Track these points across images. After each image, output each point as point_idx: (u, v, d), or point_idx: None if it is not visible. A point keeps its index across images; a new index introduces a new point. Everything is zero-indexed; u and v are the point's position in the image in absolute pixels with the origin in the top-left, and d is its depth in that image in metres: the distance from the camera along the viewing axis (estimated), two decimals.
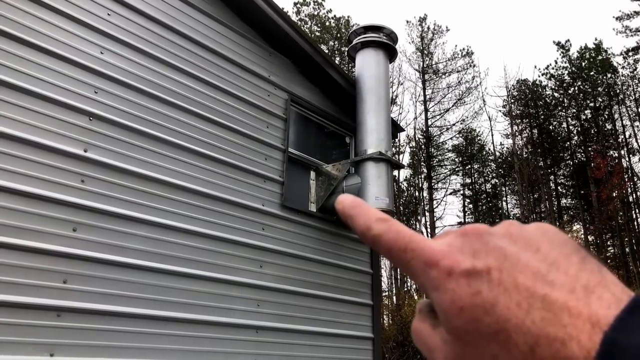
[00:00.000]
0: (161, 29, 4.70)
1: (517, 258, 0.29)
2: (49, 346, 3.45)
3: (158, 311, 4.09)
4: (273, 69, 5.75)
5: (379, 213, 0.35)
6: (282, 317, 5.06)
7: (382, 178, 5.64)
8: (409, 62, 36.48)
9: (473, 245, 0.30)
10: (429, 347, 0.32)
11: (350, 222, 0.36)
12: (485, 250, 0.30)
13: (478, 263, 0.29)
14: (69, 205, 3.74)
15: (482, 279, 0.29)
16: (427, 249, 0.31)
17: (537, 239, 0.30)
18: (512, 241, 0.30)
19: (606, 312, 0.26)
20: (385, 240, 0.33)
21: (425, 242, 0.32)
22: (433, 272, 0.30)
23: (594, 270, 0.29)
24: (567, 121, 33.63)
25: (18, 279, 3.39)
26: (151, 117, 4.42)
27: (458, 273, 0.29)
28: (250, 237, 4.97)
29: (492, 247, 0.30)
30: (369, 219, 0.34)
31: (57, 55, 3.89)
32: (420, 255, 0.31)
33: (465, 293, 0.28)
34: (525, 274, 0.28)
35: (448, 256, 0.30)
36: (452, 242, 0.31)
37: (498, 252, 0.29)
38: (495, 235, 0.31)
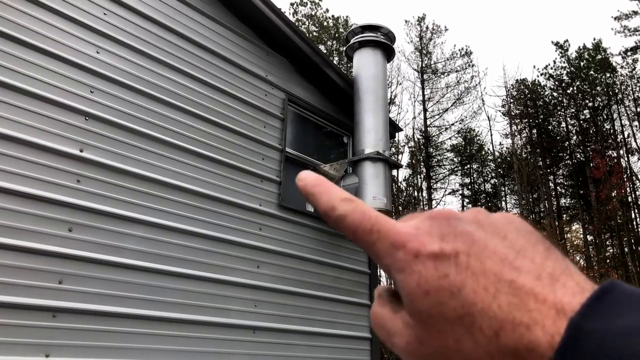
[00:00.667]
0: (158, 28, 4.69)
1: (485, 243, 0.29)
2: (45, 347, 3.43)
3: (154, 311, 4.07)
4: (270, 69, 5.74)
5: (344, 193, 0.34)
6: (279, 317, 5.05)
7: (380, 178, 5.63)
8: (407, 61, 36.48)
9: (441, 228, 0.30)
10: (389, 331, 0.31)
11: (312, 201, 0.34)
12: (453, 234, 0.30)
13: (446, 246, 0.29)
14: (65, 205, 3.72)
15: (450, 262, 0.28)
16: (394, 231, 0.31)
17: (504, 227, 0.31)
18: (479, 227, 0.30)
19: (570, 299, 0.26)
20: (350, 221, 0.32)
21: (392, 223, 0.31)
22: (399, 254, 0.30)
23: (559, 259, 0.29)
24: (566, 121, 33.65)
25: (13, 279, 3.38)
26: (147, 117, 4.41)
27: (425, 255, 0.29)
28: (247, 237, 4.95)
29: (460, 231, 0.30)
30: (333, 198, 0.33)
31: (52, 55, 3.88)
32: (387, 236, 0.30)
33: (431, 276, 0.28)
34: (492, 259, 0.28)
35: (415, 238, 0.30)
36: (420, 225, 0.31)
37: (466, 237, 0.29)
38: (463, 220, 0.31)
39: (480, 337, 0.27)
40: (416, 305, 0.29)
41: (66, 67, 3.95)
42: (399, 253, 0.30)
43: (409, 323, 0.30)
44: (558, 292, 0.27)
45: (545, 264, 0.28)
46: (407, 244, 0.30)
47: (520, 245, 0.29)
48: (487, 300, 0.27)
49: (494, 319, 0.26)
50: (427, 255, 0.29)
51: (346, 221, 0.32)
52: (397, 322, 0.31)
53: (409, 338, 0.30)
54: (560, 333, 0.25)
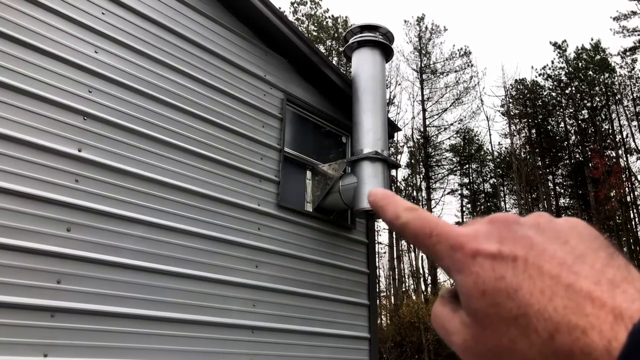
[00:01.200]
0: (156, 28, 4.69)
1: (543, 247, 0.29)
2: (43, 347, 3.43)
3: (153, 311, 4.07)
4: (269, 69, 5.74)
5: (408, 203, 0.36)
6: (278, 317, 5.05)
7: (378, 177, 5.63)
8: (406, 61, 36.48)
9: (500, 232, 0.31)
10: (447, 330, 0.32)
11: (381, 213, 0.37)
12: (512, 238, 0.30)
13: (504, 249, 0.30)
14: (63, 205, 3.72)
15: (507, 265, 0.29)
16: (453, 233, 0.32)
17: (565, 232, 0.31)
18: (539, 231, 0.31)
19: (629, 305, 0.26)
20: (412, 227, 0.34)
21: (452, 227, 0.32)
22: (458, 255, 0.31)
23: (621, 266, 0.29)
24: (565, 121, 33.67)
25: (11, 279, 3.38)
26: (146, 117, 4.41)
27: (483, 256, 0.30)
28: (246, 237, 4.95)
29: (519, 235, 0.30)
30: (398, 208, 0.35)
31: (51, 55, 3.88)
32: (446, 239, 0.32)
33: (488, 277, 0.29)
34: (550, 263, 0.29)
35: (474, 240, 0.31)
36: (479, 228, 0.32)
37: (525, 241, 0.30)
38: (523, 225, 0.31)
39: (535, 338, 0.27)
40: (473, 305, 0.30)
41: (64, 67, 3.95)
42: (458, 254, 0.31)
43: (466, 322, 0.30)
44: (617, 298, 0.27)
45: (605, 270, 0.28)
46: (465, 246, 0.31)
47: (580, 250, 0.29)
48: (543, 302, 0.27)
49: (550, 321, 0.27)
50: (484, 256, 0.30)
51: (409, 227, 0.34)
52: (455, 321, 0.32)
53: (465, 336, 0.30)
54: (618, 339, 0.25)
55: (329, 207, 5.94)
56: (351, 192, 5.67)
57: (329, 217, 5.99)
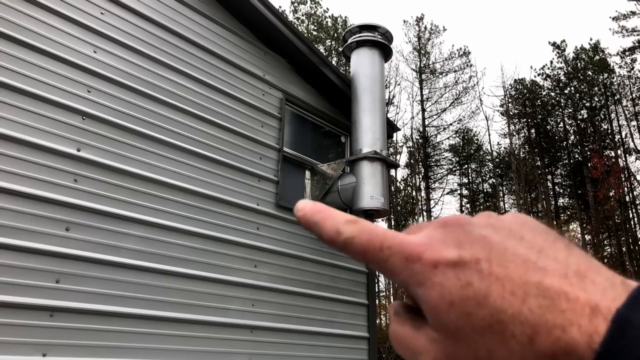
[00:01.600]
0: (155, 27, 4.69)
1: (504, 247, 0.28)
2: (42, 346, 3.43)
3: (152, 311, 4.07)
4: (268, 68, 5.74)
5: (346, 215, 0.32)
6: (277, 316, 5.05)
7: (377, 177, 5.63)
8: (406, 61, 36.53)
9: (456, 235, 0.29)
10: (413, 350, 0.30)
11: (315, 230, 0.32)
12: (469, 240, 0.28)
13: (464, 253, 0.28)
14: (62, 205, 3.72)
15: (472, 270, 0.27)
16: (406, 244, 0.29)
17: (518, 228, 0.29)
18: (494, 230, 0.29)
19: (602, 296, 0.25)
20: (358, 242, 0.30)
21: (402, 236, 0.30)
22: (416, 267, 0.28)
23: (581, 255, 0.28)
24: (564, 121, 33.70)
25: (10, 278, 3.37)
26: (145, 117, 4.41)
27: (444, 264, 0.28)
28: (245, 236, 4.96)
29: (476, 237, 0.29)
30: (337, 223, 0.31)
31: (49, 54, 3.88)
32: (399, 250, 0.29)
33: (454, 286, 0.27)
34: (515, 262, 0.27)
35: (431, 248, 0.28)
36: (432, 234, 0.30)
37: (483, 242, 0.28)
38: (476, 225, 0.30)
39: (514, 345, 0.25)
40: (441, 319, 0.27)
41: (63, 67, 3.95)
42: (416, 266, 0.28)
43: (435, 338, 0.28)
44: (589, 289, 0.26)
45: (569, 261, 0.27)
46: (422, 255, 0.28)
47: (539, 244, 0.28)
48: (516, 305, 0.26)
49: (527, 324, 0.25)
50: (446, 264, 0.28)
51: (354, 243, 0.31)
52: (420, 339, 0.29)
53: (436, 354, 0.28)
54: (598, 332, 0.24)
55: None
56: (350, 192, 5.68)
57: None
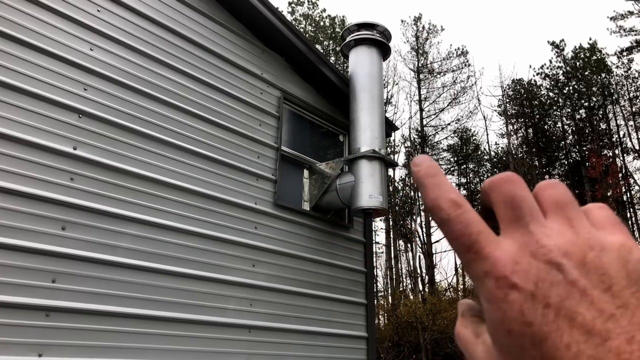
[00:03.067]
0: (152, 25, 4.66)
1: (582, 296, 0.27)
2: (38, 346, 3.40)
3: (149, 311, 4.04)
4: (266, 67, 5.72)
5: (454, 192, 0.32)
6: (275, 316, 5.03)
7: (376, 176, 5.61)
8: (403, 61, 36.51)
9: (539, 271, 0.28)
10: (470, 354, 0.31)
11: (422, 191, 0.34)
12: (550, 282, 0.28)
13: (538, 293, 0.28)
14: (58, 204, 3.69)
15: (537, 312, 0.27)
16: (493, 258, 0.29)
17: (613, 273, 0.28)
18: (583, 273, 0.28)
19: None
20: (452, 229, 0.31)
21: (493, 246, 0.30)
22: (490, 284, 0.29)
23: None
24: (562, 121, 33.74)
25: (6, 278, 3.35)
26: (142, 115, 4.38)
27: (515, 295, 0.28)
28: (242, 235, 4.93)
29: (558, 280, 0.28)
30: (442, 198, 0.32)
31: (45, 52, 3.85)
32: (483, 261, 0.29)
33: (516, 318, 0.28)
34: (584, 316, 0.27)
35: (511, 275, 0.28)
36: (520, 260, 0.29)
37: (563, 288, 0.28)
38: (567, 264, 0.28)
39: None
40: (498, 339, 0.28)
41: (59, 65, 3.92)
42: (491, 283, 0.29)
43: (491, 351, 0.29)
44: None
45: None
46: (500, 280, 0.28)
47: (624, 299, 0.27)
48: (567, 358, 0.26)
49: None
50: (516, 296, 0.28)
51: (449, 226, 0.31)
52: (478, 347, 0.30)
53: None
54: None
55: (326, 206, 5.92)
56: (348, 191, 5.65)
57: (327, 216, 5.97)
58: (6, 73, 3.61)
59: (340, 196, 5.72)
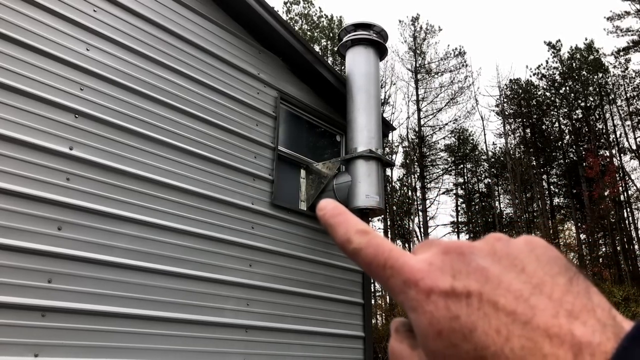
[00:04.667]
0: (148, 25, 4.66)
1: (499, 280, 0.28)
2: (34, 346, 3.40)
3: (145, 311, 4.04)
4: (263, 67, 5.71)
5: (360, 224, 0.33)
6: (272, 316, 5.02)
7: (373, 176, 5.61)
8: (401, 61, 36.54)
9: (454, 264, 0.29)
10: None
11: (330, 232, 0.34)
12: (466, 271, 0.29)
13: (458, 285, 0.28)
14: (54, 204, 3.69)
15: (461, 303, 0.27)
16: (407, 267, 0.30)
17: (523, 257, 0.29)
18: (495, 260, 0.29)
19: (590, 339, 0.25)
20: (364, 255, 0.32)
21: (405, 258, 0.30)
22: (412, 292, 0.29)
23: (581, 292, 0.27)
24: (559, 121, 33.80)
25: (1, 278, 3.34)
26: (138, 115, 4.38)
27: (437, 294, 0.28)
28: (239, 235, 4.93)
29: (473, 267, 0.29)
30: (349, 231, 0.33)
31: (41, 52, 3.84)
32: (400, 273, 0.30)
33: (443, 317, 0.27)
34: (506, 297, 0.27)
35: (428, 276, 0.29)
36: (433, 261, 0.30)
37: (480, 274, 0.28)
38: (478, 254, 0.30)
39: None
40: (430, 346, 0.28)
41: (56, 65, 3.91)
42: (412, 291, 0.29)
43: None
44: (577, 332, 0.25)
45: (564, 300, 0.27)
46: (419, 282, 0.29)
47: (538, 278, 0.28)
48: (499, 343, 0.26)
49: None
50: (438, 295, 0.28)
51: (361, 255, 0.32)
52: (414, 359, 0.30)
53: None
54: None
55: None
56: (345, 191, 5.66)
57: None
58: (2, 73, 3.60)
59: (337, 196, 5.72)
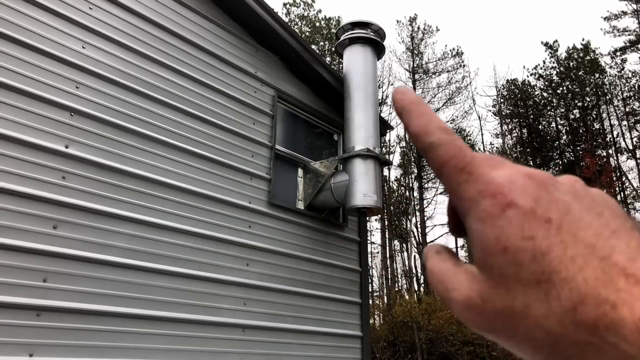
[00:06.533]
0: (144, 23, 4.63)
1: (580, 215, 0.28)
2: (29, 346, 3.37)
3: (141, 310, 4.01)
4: (260, 65, 5.69)
5: (443, 122, 0.32)
6: (269, 315, 5.00)
7: (370, 175, 5.60)
8: (399, 61, 36.55)
9: (537, 190, 0.28)
10: (447, 286, 0.30)
11: (405, 118, 0.33)
12: (548, 199, 0.28)
13: (539, 209, 0.27)
14: (50, 203, 3.66)
15: (539, 225, 0.27)
16: (487, 178, 0.29)
17: (601, 204, 0.29)
18: (576, 198, 0.29)
19: None
20: (443, 152, 0.31)
21: (487, 168, 0.30)
22: (485, 203, 0.28)
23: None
24: (556, 121, 33.85)
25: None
26: (134, 113, 4.35)
27: (514, 211, 0.27)
28: (236, 234, 4.90)
29: (555, 198, 0.28)
30: (431, 123, 0.32)
31: (37, 50, 3.81)
32: (477, 181, 0.29)
33: (514, 234, 0.27)
34: (586, 232, 0.27)
35: (509, 192, 0.28)
36: (515, 180, 0.29)
37: (561, 205, 0.28)
38: (560, 188, 0.29)
39: (556, 307, 0.25)
40: (489, 260, 0.27)
41: (51, 62, 3.88)
42: (486, 202, 0.28)
43: (475, 277, 0.28)
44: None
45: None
46: (497, 196, 0.28)
47: (615, 225, 0.27)
48: (572, 270, 0.25)
49: (576, 291, 0.25)
50: (516, 211, 0.27)
51: (438, 151, 0.31)
52: (459, 276, 0.29)
53: (470, 292, 0.28)
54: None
55: (320, 205, 5.91)
56: (343, 190, 5.64)
57: (321, 215, 5.95)
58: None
59: (334, 195, 5.71)
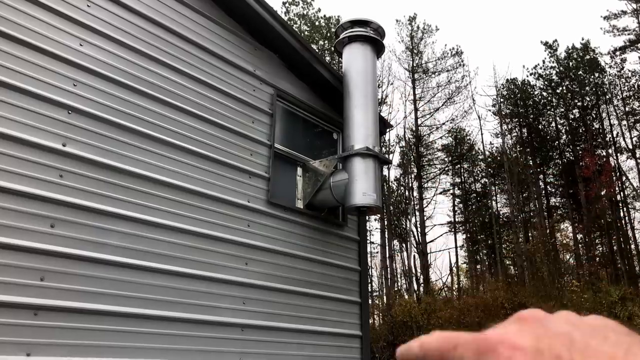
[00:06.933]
0: (143, 21, 4.61)
1: (585, 343, 0.27)
2: (26, 345, 3.34)
3: (139, 309, 3.99)
4: (259, 64, 5.67)
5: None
6: (268, 315, 4.98)
7: (370, 174, 5.57)
8: (398, 61, 36.48)
9: (534, 329, 0.28)
10: None
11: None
12: (548, 335, 0.27)
13: (542, 345, 0.27)
14: (47, 201, 3.63)
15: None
16: (480, 338, 0.29)
17: (601, 328, 0.28)
18: (575, 327, 0.28)
19: None
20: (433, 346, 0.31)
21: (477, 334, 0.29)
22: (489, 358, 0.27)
23: None
24: (556, 120, 33.83)
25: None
26: (132, 111, 4.33)
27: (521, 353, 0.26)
28: (235, 234, 4.88)
29: (554, 332, 0.27)
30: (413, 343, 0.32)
31: (34, 47, 3.79)
32: (472, 345, 0.28)
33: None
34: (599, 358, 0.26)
35: (507, 339, 0.28)
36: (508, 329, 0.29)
37: (563, 337, 0.27)
38: (555, 322, 0.29)
39: None
40: None
41: (48, 60, 3.86)
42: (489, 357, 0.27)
43: None
44: None
45: None
46: (497, 346, 0.27)
47: (626, 343, 0.26)
48: None
49: None
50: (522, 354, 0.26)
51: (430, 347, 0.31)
52: None
53: None
54: None
55: (320, 204, 5.88)
56: (342, 189, 5.61)
57: (320, 214, 5.93)
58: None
59: (334, 194, 5.68)
